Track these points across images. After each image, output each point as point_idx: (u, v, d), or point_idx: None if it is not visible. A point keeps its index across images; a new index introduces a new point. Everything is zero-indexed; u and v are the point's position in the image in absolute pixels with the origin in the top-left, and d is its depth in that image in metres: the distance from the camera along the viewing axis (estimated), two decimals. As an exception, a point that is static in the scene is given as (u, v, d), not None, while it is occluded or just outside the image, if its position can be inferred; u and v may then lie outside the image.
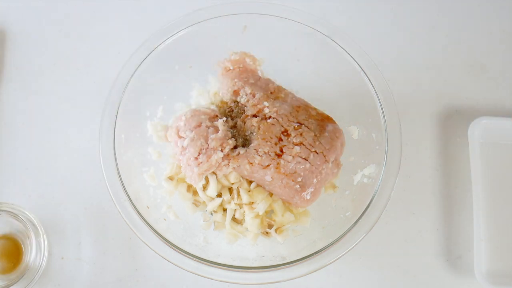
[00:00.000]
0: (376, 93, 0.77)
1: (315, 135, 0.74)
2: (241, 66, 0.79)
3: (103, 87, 0.89)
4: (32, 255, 0.81)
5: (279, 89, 0.78)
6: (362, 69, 0.78)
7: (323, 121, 0.76)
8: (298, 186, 0.72)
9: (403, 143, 0.75)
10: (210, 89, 0.81)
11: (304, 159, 0.72)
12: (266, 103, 0.75)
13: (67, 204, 0.85)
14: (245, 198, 0.74)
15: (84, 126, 0.88)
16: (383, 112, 0.76)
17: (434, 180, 0.88)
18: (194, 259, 0.71)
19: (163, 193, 0.77)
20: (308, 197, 0.73)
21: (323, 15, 0.93)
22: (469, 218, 0.86)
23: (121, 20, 0.93)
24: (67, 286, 0.83)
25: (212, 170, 0.73)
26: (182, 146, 0.73)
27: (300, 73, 0.85)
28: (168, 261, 0.71)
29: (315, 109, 0.77)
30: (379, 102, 0.76)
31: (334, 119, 0.77)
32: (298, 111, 0.75)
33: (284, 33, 0.81)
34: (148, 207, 0.75)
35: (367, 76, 0.77)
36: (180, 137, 0.74)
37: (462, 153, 0.89)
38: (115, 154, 0.74)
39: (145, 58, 0.77)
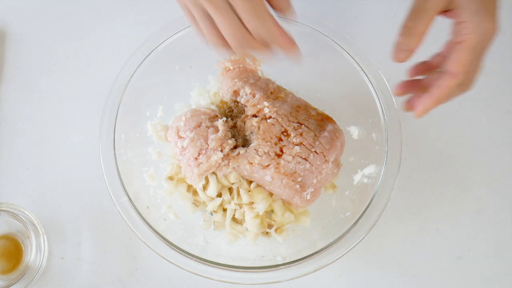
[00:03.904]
0: (376, 93, 0.77)
1: (315, 135, 0.74)
2: (241, 66, 0.79)
3: (103, 87, 0.89)
4: (32, 255, 0.81)
5: (279, 89, 0.78)
6: (362, 69, 0.78)
7: (323, 121, 0.76)
8: (298, 186, 0.72)
9: (403, 143, 0.75)
10: (210, 89, 0.81)
11: (304, 159, 0.72)
12: (266, 103, 0.75)
13: (67, 204, 0.85)
14: (245, 198, 0.74)
15: (84, 126, 0.88)
16: (383, 112, 0.76)
17: (434, 180, 0.88)
18: (194, 259, 0.71)
19: (163, 193, 0.77)
20: (308, 197, 0.73)
21: (323, 16, 0.92)
22: (469, 218, 0.86)
23: (121, 20, 0.93)
24: (67, 286, 0.83)
25: (212, 170, 0.73)
26: (182, 146, 0.73)
27: (300, 73, 0.85)
28: (168, 261, 0.71)
29: (315, 109, 0.77)
30: (379, 102, 0.76)
31: (334, 119, 0.77)
32: (298, 111, 0.75)
33: (284, 33, 0.81)
34: (148, 207, 0.75)
35: (367, 76, 0.77)
36: (180, 137, 0.74)
37: (462, 153, 0.89)
38: (115, 154, 0.74)
39: (145, 58, 0.77)
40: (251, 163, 0.72)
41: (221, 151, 0.72)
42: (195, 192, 0.77)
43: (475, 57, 0.65)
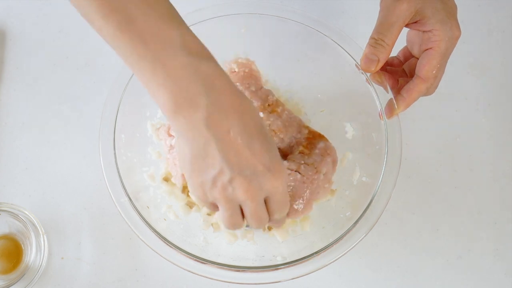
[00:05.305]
0: (376, 93, 0.76)
1: (304, 153, 0.74)
2: (246, 70, 0.78)
3: (103, 87, 0.89)
4: (32, 255, 0.81)
5: (278, 103, 0.78)
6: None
7: (315, 139, 0.76)
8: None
9: (403, 143, 0.75)
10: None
11: (296, 171, 0.72)
12: (261, 114, 0.74)
13: (67, 204, 0.85)
14: None
15: (84, 126, 0.88)
16: (383, 111, 0.76)
17: (434, 180, 0.88)
18: (194, 259, 0.71)
19: (163, 193, 0.77)
20: (301, 207, 0.72)
21: (323, 16, 0.92)
22: (469, 218, 0.86)
23: (121, 20, 0.93)
24: (67, 286, 0.83)
25: None
26: (171, 145, 0.73)
27: (300, 73, 0.85)
28: (168, 261, 0.71)
29: (307, 127, 0.77)
30: (379, 102, 0.76)
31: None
32: (288, 128, 0.75)
33: (284, 33, 0.81)
34: (148, 207, 0.75)
35: (367, 76, 0.77)
36: (170, 135, 0.74)
37: (462, 153, 0.89)
38: (115, 154, 0.74)
39: (145, 58, 0.77)
40: None
41: None
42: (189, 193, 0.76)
43: (443, 62, 0.70)
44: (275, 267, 0.71)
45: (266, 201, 0.61)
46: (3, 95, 0.89)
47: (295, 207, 0.72)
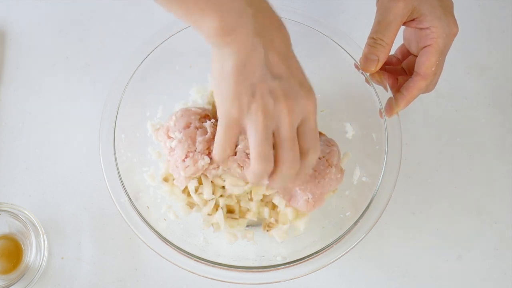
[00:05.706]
0: (376, 93, 0.76)
1: None
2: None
3: (103, 87, 0.89)
4: (32, 255, 0.81)
5: None
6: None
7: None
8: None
9: (403, 143, 0.75)
10: (209, 88, 0.81)
11: None
12: None
13: (67, 204, 0.85)
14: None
15: (84, 126, 0.88)
16: (383, 111, 0.76)
17: (434, 180, 0.88)
18: (194, 259, 0.71)
19: (163, 193, 0.77)
20: (311, 202, 0.72)
21: (323, 16, 0.92)
22: (469, 218, 0.86)
23: (121, 20, 0.93)
24: (67, 286, 0.83)
25: (199, 175, 0.72)
26: (171, 147, 0.72)
27: (300, 73, 0.85)
28: (168, 261, 0.71)
29: None
30: (379, 102, 0.76)
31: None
32: None
33: (284, 33, 0.81)
34: (148, 207, 0.75)
35: (366, 76, 0.77)
36: (169, 137, 0.73)
37: (462, 153, 0.89)
38: (115, 154, 0.74)
39: (145, 58, 0.77)
40: (241, 166, 0.71)
41: (209, 154, 0.71)
42: (190, 193, 0.76)
43: (442, 59, 0.70)
44: (275, 267, 0.71)
45: (298, 134, 0.59)
46: (3, 95, 0.89)
47: (307, 200, 0.72)
